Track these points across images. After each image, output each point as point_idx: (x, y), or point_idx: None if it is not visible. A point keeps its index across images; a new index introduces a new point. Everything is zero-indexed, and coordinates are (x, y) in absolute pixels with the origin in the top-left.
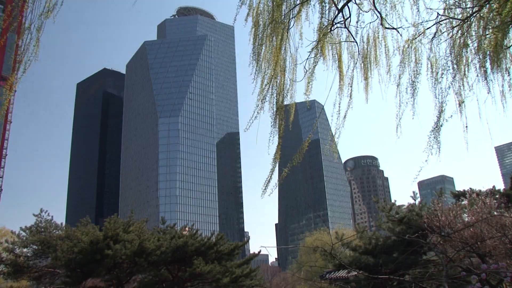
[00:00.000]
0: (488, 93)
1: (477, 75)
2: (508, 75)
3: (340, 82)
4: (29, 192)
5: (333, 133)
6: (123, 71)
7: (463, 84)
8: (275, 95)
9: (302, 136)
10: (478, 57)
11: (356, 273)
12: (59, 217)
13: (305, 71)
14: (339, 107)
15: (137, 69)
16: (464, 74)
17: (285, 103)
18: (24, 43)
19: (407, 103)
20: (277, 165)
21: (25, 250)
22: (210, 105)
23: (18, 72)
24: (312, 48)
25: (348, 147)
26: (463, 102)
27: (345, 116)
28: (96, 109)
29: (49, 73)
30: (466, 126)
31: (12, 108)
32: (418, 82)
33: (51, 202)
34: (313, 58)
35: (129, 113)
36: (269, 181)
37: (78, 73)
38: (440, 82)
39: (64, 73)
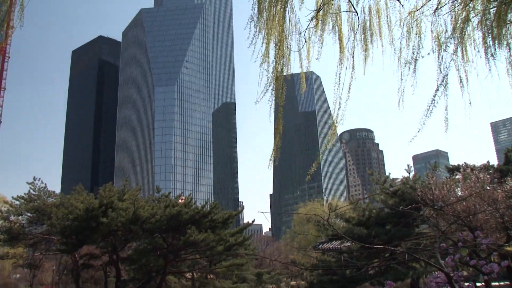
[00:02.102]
0: (489, 70)
1: (478, 51)
2: (509, 51)
3: (340, 53)
4: (24, 161)
5: (333, 105)
6: (119, 39)
7: (464, 59)
8: (273, 65)
9: (298, 108)
10: (480, 31)
11: (349, 244)
12: (54, 186)
13: (305, 40)
14: (339, 78)
15: (133, 37)
16: (466, 49)
17: (285, 72)
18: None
19: (407, 76)
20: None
21: (19, 217)
22: (206, 75)
23: (11, 38)
24: (312, 17)
25: (344, 119)
26: (465, 77)
27: (349, 88)
28: (91, 77)
29: (44, 39)
30: (470, 102)
31: (6, 74)
32: (419, 56)
33: (46, 171)
34: (313, 28)
35: (125, 82)
36: (273, 154)
37: (73, 40)
38: (442, 56)
39: (59, 40)
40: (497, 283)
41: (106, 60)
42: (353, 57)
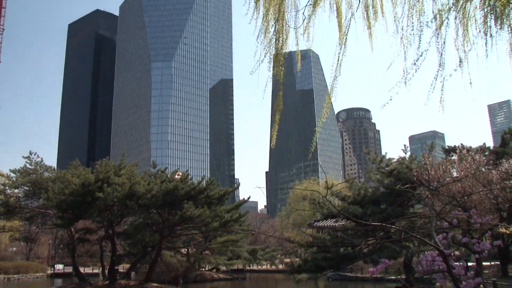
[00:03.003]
0: (489, 50)
1: (479, 31)
2: (510, 32)
3: (339, 32)
4: (19, 137)
5: (330, 80)
6: (117, 13)
7: (465, 40)
8: (273, 41)
9: (296, 85)
10: (482, 11)
11: (344, 222)
12: (50, 162)
13: (304, 17)
14: (338, 57)
15: (130, 11)
16: (467, 29)
17: (284, 50)
18: None
19: (408, 55)
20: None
21: (16, 191)
22: (204, 51)
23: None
24: None
25: (341, 98)
26: (466, 56)
27: (340, 65)
28: (88, 51)
29: (39, 12)
30: (470, 82)
31: (1, 47)
32: (421, 34)
33: (42, 147)
34: (311, 5)
35: (122, 57)
36: (272, 134)
37: (69, 14)
38: (442, 35)
39: (56, 13)
40: (488, 263)
41: (103, 35)
42: (346, 35)
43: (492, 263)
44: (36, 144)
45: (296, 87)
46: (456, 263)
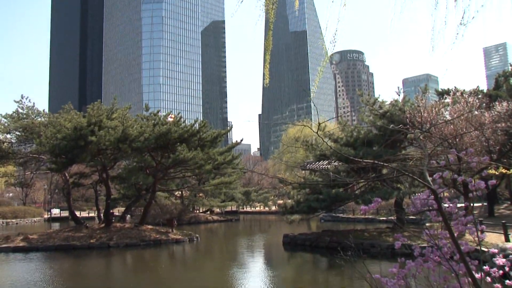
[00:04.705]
0: None
1: None
2: None
3: None
4: (8, 83)
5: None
6: None
7: None
8: None
9: (288, 27)
10: None
11: (336, 164)
12: (41, 106)
13: None
14: None
15: None
16: None
17: None
18: None
19: None
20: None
21: (8, 136)
22: None
23: None
24: None
25: (335, 40)
26: None
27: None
28: None
29: None
30: (465, 24)
31: None
32: None
33: (33, 92)
34: None
35: None
36: (266, 69)
37: None
38: None
39: None
40: (476, 204)
41: None
42: None
43: (480, 203)
44: (26, 91)
45: (289, 29)
46: (447, 203)
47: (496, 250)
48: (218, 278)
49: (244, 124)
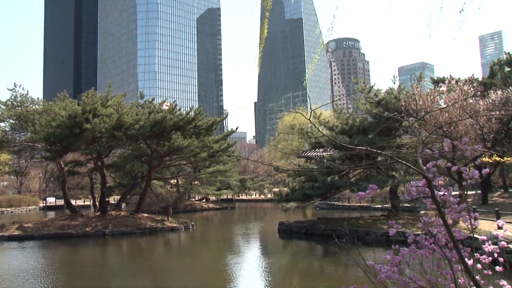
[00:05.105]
0: None
1: None
2: None
3: None
4: (3, 70)
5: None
6: None
7: None
8: None
9: (285, 15)
10: None
11: (331, 152)
12: (36, 94)
13: None
14: None
15: None
16: None
17: None
18: None
19: None
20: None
21: (2, 124)
22: None
23: None
24: None
25: (331, 28)
26: None
27: None
28: None
29: None
30: (461, 10)
31: None
32: None
33: (27, 81)
34: None
35: None
36: (258, 57)
37: None
38: None
39: None
40: (470, 192)
41: None
42: None
43: (474, 192)
44: (20, 79)
45: (285, 16)
46: (442, 191)
47: (485, 238)
48: (213, 266)
49: (240, 112)
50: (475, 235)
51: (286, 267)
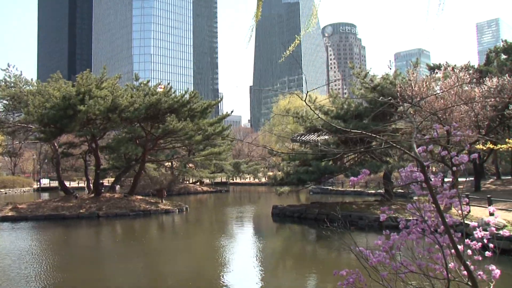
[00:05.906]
0: None
1: None
2: None
3: None
4: None
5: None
6: None
7: None
8: None
9: None
10: None
11: (327, 137)
12: (30, 75)
13: None
14: None
15: None
16: None
17: None
18: None
19: None
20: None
21: None
22: None
23: None
24: None
25: (328, 12)
26: None
27: None
28: None
29: None
30: None
31: None
32: None
33: (21, 61)
34: None
35: None
36: (249, 38)
37: None
38: None
39: None
40: (463, 179)
41: None
42: None
43: (467, 179)
44: (14, 59)
45: (282, 0)
46: (432, 177)
47: (476, 224)
48: (207, 248)
49: (235, 96)
50: (466, 221)
51: (279, 250)
